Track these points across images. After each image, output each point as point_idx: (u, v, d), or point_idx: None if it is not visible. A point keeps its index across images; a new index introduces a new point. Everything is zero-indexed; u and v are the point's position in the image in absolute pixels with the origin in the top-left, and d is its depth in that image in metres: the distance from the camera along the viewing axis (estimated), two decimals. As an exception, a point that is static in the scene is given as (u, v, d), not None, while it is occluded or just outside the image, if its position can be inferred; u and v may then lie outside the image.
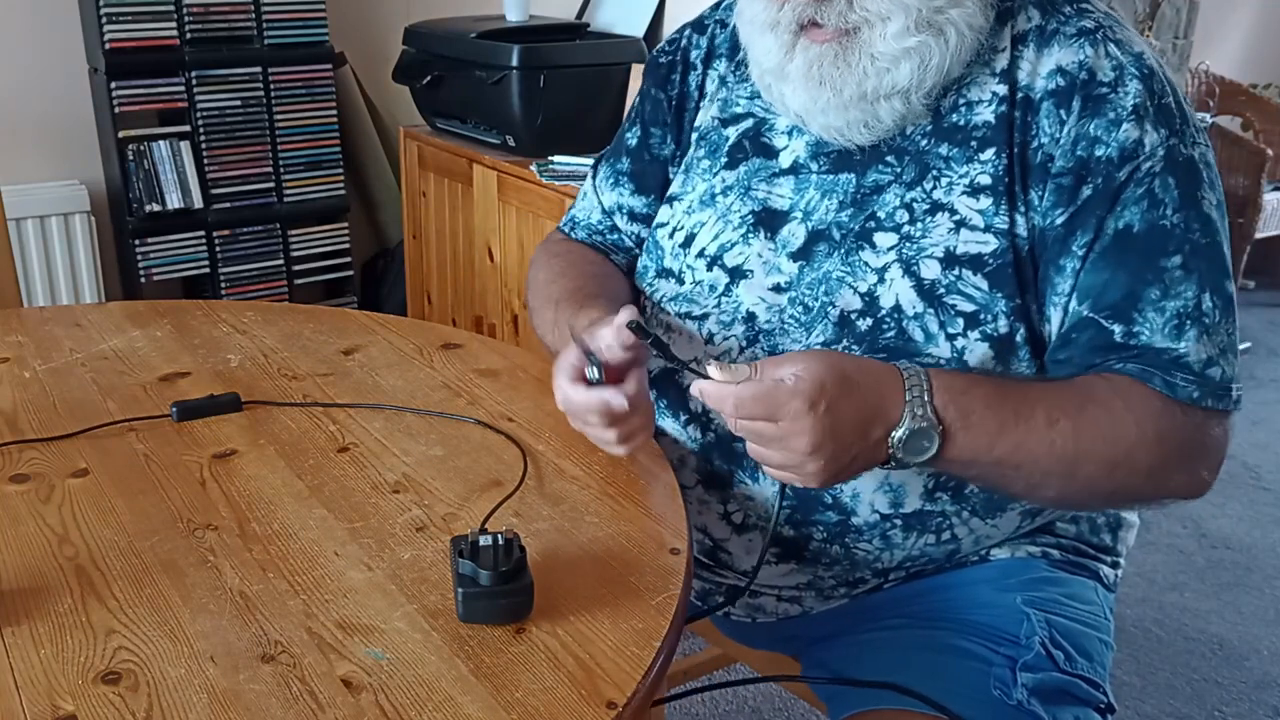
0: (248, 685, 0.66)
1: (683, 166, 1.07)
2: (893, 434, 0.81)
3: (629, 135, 1.15)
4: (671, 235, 1.04)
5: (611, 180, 1.16)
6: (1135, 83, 0.87)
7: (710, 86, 1.07)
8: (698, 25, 1.11)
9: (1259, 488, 2.62)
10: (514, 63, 2.15)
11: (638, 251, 1.13)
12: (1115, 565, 1.06)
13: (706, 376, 0.81)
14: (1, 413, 1.01)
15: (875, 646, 0.98)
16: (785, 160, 0.99)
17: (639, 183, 1.14)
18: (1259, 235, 3.67)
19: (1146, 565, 2.24)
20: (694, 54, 1.09)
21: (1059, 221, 0.87)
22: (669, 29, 2.55)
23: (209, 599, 0.75)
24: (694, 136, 1.07)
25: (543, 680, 0.67)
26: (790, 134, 0.99)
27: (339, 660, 0.69)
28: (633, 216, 1.15)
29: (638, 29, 2.49)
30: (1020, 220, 0.88)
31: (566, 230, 1.20)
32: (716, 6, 1.11)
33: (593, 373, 0.88)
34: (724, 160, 1.02)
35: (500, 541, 0.74)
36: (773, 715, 1.80)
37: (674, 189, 1.06)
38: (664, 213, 1.06)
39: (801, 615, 1.03)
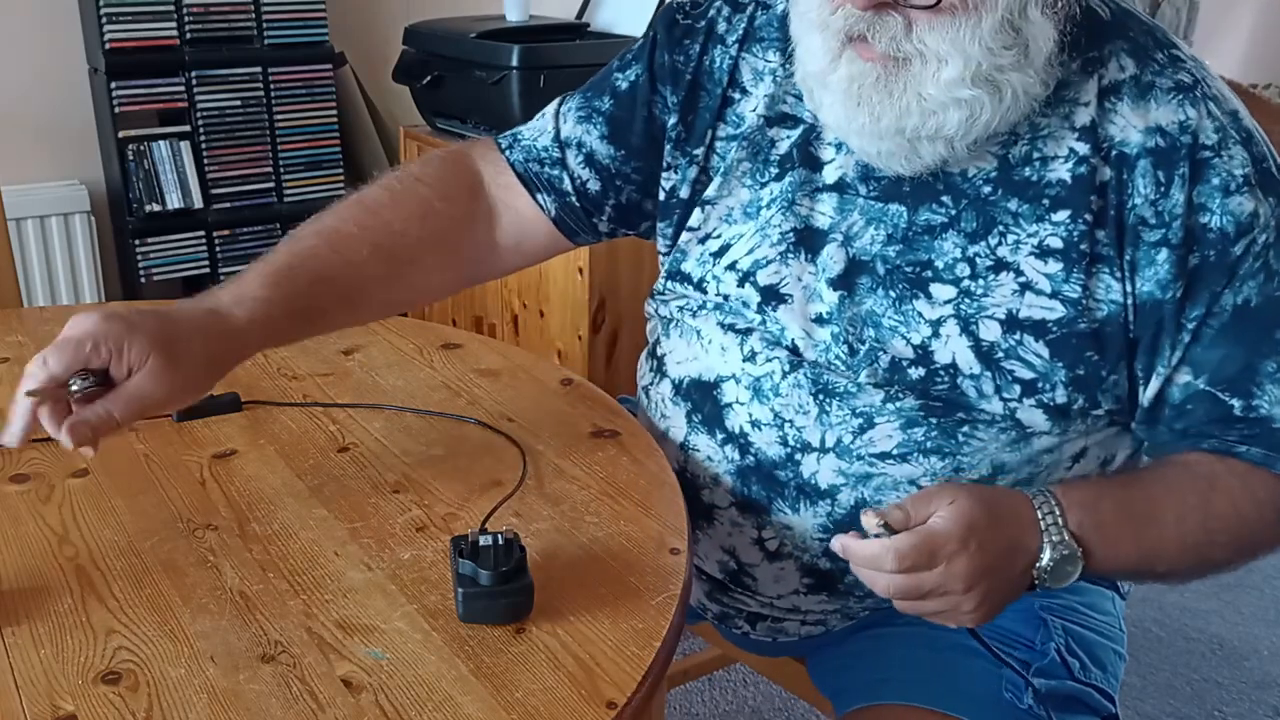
0: (248, 685, 0.66)
1: (720, 170, 0.97)
2: (1038, 564, 0.81)
3: (619, 77, 1.02)
4: (703, 241, 0.96)
5: (583, 114, 1.02)
6: (1239, 149, 0.83)
7: (747, 76, 0.96)
8: (733, 2, 0.99)
9: (1259, 488, 2.62)
10: (514, 63, 2.15)
11: (575, 201, 1.02)
12: None
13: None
14: (2, 413, 1.01)
15: (885, 643, 0.97)
16: (830, 175, 0.91)
17: (614, 129, 1.01)
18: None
19: (1146, 565, 2.24)
20: (723, 28, 0.98)
21: (1176, 295, 0.83)
22: (669, 29, 2.55)
23: (209, 599, 0.75)
24: (725, 132, 0.97)
25: (543, 680, 0.67)
26: (839, 147, 0.92)
27: (339, 660, 0.69)
28: (589, 161, 1.01)
29: (638, 29, 2.49)
30: (1114, 285, 0.84)
31: (504, 146, 1.05)
32: None
33: (80, 384, 0.76)
34: (774, 171, 0.94)
35: (500, 541, 0.74)
36: (773, 715, 1.80)
37: (710, 192, 0.96)
38: (696, 216, 0.97)
39: (824, 634, 1.02)
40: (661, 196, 1.01)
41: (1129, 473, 0.93)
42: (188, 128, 2.41)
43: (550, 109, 1.05)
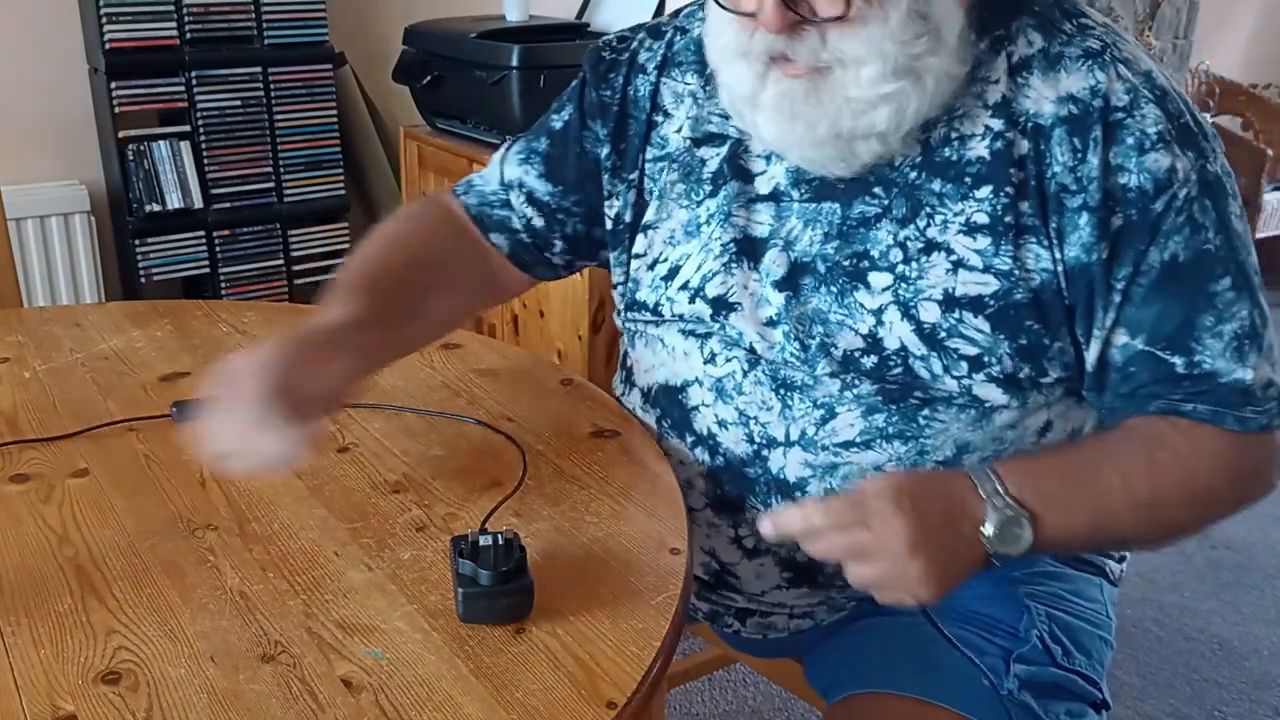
0: (248, 685, 0.66)
1: (655, 192, 0.99)
2: (983, 529, 0.81)
3: (555, 118, 1.07)
4: (651, 267, 0.99)
5: (522, 156, 1.08)
6: (1152, 107, 0.84)
7: (668, 99, 1.00)
8: (654, 31, 1.04)
9: (1259, 488, 2.62)
10: (514, 63, 2.15)
11: (526, 238, 1.07)
12: (1121, 560, 1.06)
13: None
14: (1, 413, 1.01)
15: (874, 635, 0.98)
16: (764, 186, 0.94)
17: (550, 167, 1.06)
18: (1259, 235, 3.67)
19: (1146, 565, 2.24)
20: (644, 57, 1.02)
21: (1101, 256, 0.84)
22: (669, 29, 2.55)
23: (209, 599, 0.75)
24: (652, 155, 1.00)
25: (543, 680, 0.67)
26: (769, 159, 0.94)
27: (339, 660, 0.69)
28: (531, 199, 1.06)
29: (638, 29, 2.48)
30: (1042, 254, 0.85)
31: (460, 191, 1.11)
32: (676, 14, 1.05)
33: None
34: (707, 188, 0.96)
35: (500, 541, 0.74)
36: (773, 715, 1.80)
37: (649, 217, 0.99)
38: (640, 243, 1.00)
39: (813, 628, 1.03)
40: (609, 225, 1.04)
41: (1066, 444, 0.93)
42: (188, 128, 2.40)
43: (496, 156, 1.11)
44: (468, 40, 2.25)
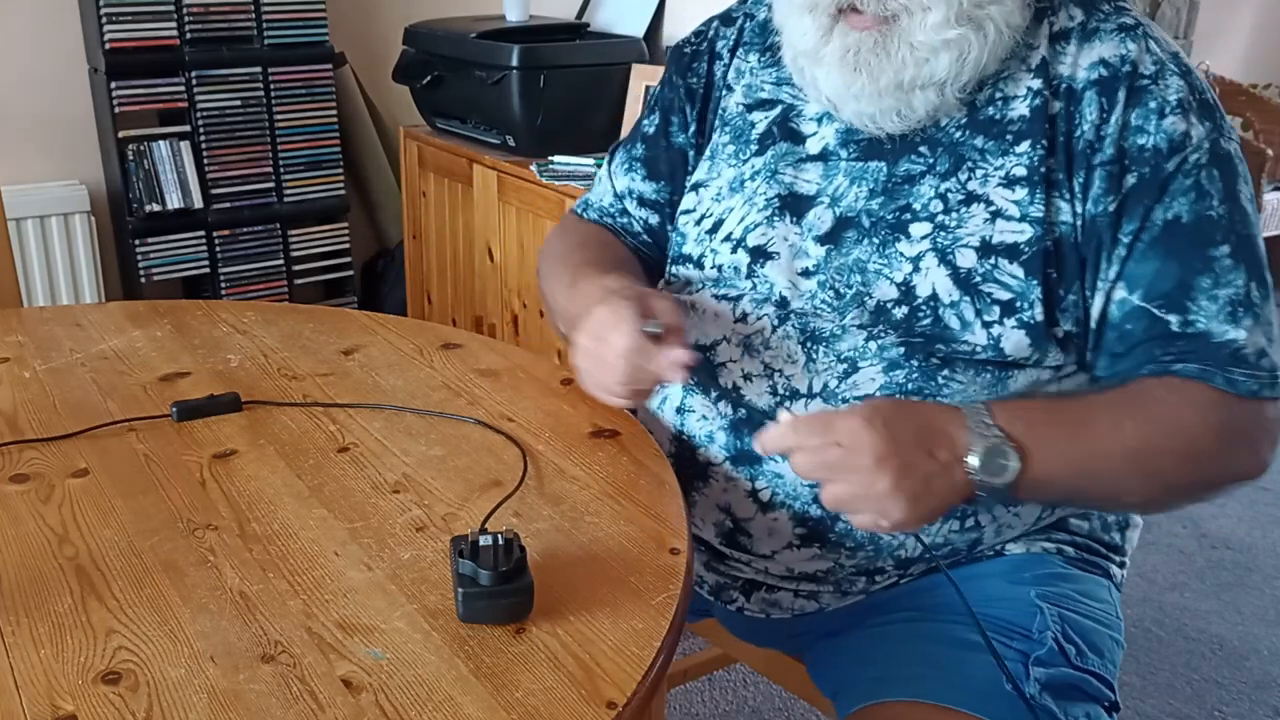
0: (248, 685, 0.66)
1: (708, 153, 1.07)
2: (968, 459, 0.82)
3: (646, 122, 1.16)
4: (699, 222, 1.05)
5: (626, 165, 1.17)
6: (1176, 78, 0.89)
7: (733, 76, 1.08)
8: (725, 18, 1.12)
9: (1259, 488, 2.62)
10: (514, 63, 2.15)
11: (647, 239, 1.16)
12: (1122, 565, 1.07)
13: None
14: (1, 413, 1.01)
15: (884, 640, 0.98)
16: (814, 146, 0.99)
17: (650, 168, 1.15)
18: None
19: (1146, 565, 2.24)
20: (720, 44, 1.10)
21: (1108, 209, 0.88)
22: (669, 29, 2.56)
23: (209, 599, 0.75)
24: (716, 122, 1.08)
25: (543, 680, 0.67)
26: (820, 120, 1.00)
27: (339, 660, 0.69)
28: (642, 201, 1.15)
29: (638, 29, 2.49)
30: (1064, 207, 0.89)
31: (580, 211, 1.22)
32: (744, 0, 1.12)
33: (653, 326, 0.89)
34: (754, 148, 1.02)
35: (500, 541, 0.74)
36: (773, 715, 1.80)
37: (699, 175, 1.07)
38: (689, 199, 1.07)
39: (818, 612, 1.03)
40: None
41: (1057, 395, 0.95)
42: (188, 128, 2.41)
43: (603, 171, 1.21)
44: (468, 40, 2.25)
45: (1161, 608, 2.11)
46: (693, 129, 1.11)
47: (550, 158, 2.18)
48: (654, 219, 1.15)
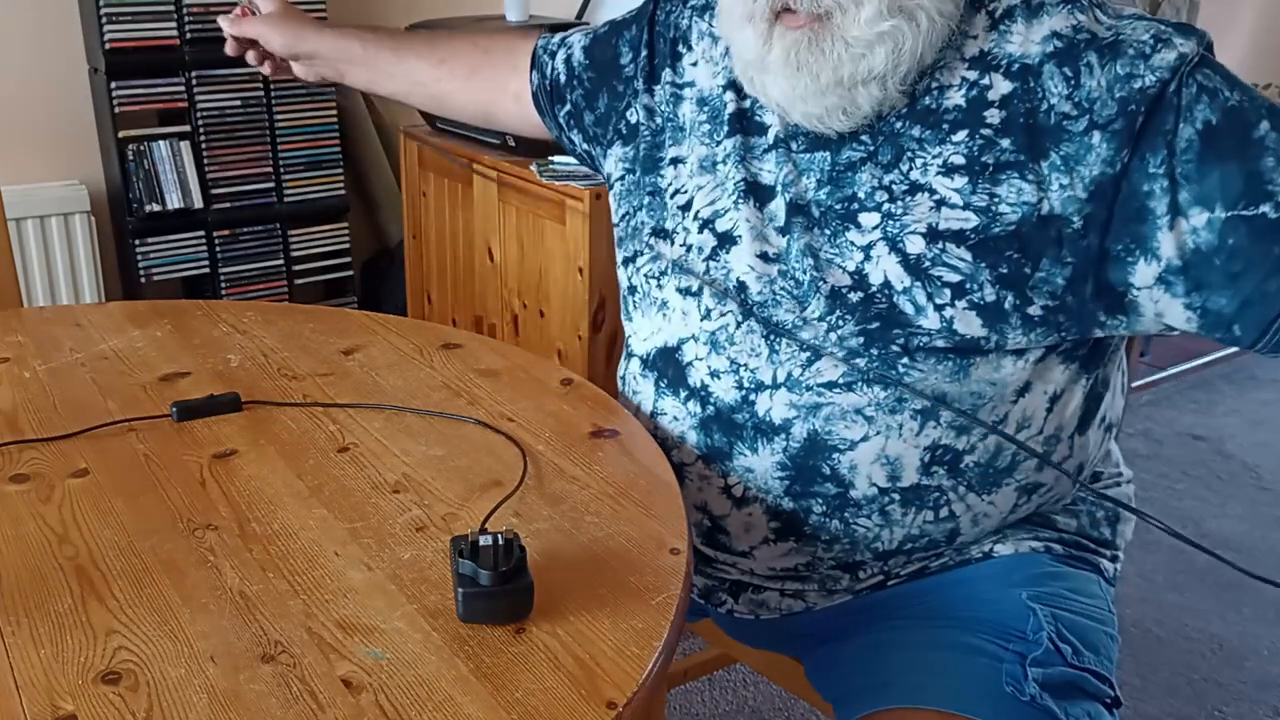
0: (248, 685, 0.66)
1: (684, 128, 1.07)
2: None
3: (625, 15, 1.19)
4: (673, 196, 1.06)
5: (589, 32, 1.22)
6: (1138, 22, 0.89)
7: (694, 36, 1.09)
8: None
9: (1259, 488, 2.62)
10: (514, 63, 2.15)
11: (548, 85, 1.23)
12: (1115, 559, 1.06)
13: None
14: (1, 413, 1.01)
15: (882, 647, 0.98)
16: (770, 137, 1.01)
17: (594, 45, 1.20)
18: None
19: (1146, 565, 2.24)
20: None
21: (1120, 164, 0.86)
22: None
23: (209, 599, 0.75)
24: (669, 78, 1.09)
25: (543, 680, 0.67)
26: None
27: (339, 660, 0.69)
28: (567, 61, 1.21)
29: (638, 29, 2.48)
30: (1026, 187, 0.88)
31: (547, 35, 1.28)
32: None
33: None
34: (725, 129, 1.03)
35: (500, 541, 0.74)
36: (773, 715, 1.80)
37: (680, 151, 1.07)
38: (669, 173, 1.08)
39: (805, 612, 1.03)
40: (622, 130, 1.14)
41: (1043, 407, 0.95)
42: (188, 128, 2.40)
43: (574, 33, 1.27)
44: (468, 40, 2.25)
45: (1161, 608, 2.11)
46: (633, 54, 1.14)
47: (550, 158, 2.17)
48: (563, 78, 1.21)
